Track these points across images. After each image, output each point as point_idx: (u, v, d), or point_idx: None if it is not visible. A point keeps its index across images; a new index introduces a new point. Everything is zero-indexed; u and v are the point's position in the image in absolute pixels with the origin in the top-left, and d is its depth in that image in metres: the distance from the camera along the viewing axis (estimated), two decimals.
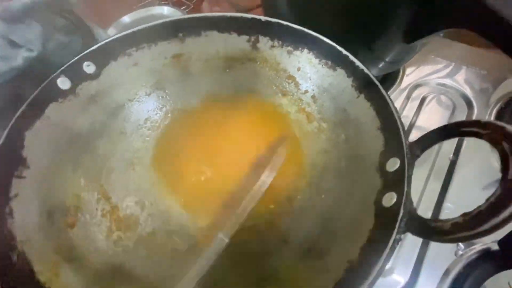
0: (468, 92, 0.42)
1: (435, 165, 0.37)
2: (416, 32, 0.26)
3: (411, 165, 0.20)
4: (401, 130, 0.22)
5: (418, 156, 0.21)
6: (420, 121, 0.41)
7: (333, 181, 0.27)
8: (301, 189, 0.27)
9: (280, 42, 0.25)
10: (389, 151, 0.22)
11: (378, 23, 0.26)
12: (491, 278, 0.28)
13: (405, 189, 0.20)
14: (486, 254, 0.30)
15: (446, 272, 0.29)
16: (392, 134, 0.22)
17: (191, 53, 0.30)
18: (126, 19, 0.59)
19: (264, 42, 0.26)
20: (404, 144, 0.21)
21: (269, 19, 0.24)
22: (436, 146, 0.35)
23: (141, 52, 0.30)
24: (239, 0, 0.31)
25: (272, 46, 0.26)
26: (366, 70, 0.25)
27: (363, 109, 0.25)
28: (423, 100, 0.43)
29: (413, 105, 0.43)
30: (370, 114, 0.24)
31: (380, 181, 0.22)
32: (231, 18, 0.27)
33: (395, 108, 0.23)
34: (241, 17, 0.26)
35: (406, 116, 0.42)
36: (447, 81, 0.44)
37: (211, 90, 0.31)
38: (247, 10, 0.30)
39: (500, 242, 0.29)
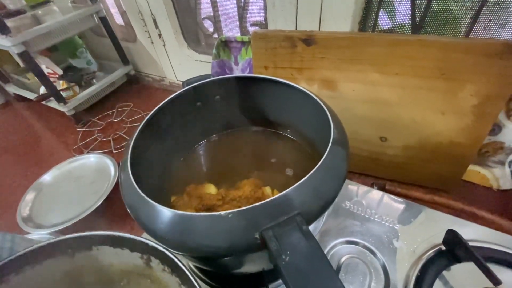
0: None
1: None
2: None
3: None
4: None
5: None
6: None
7: None
8: None
9: (170, 270, 0.25)
10: None
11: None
12: (446, 271, 0.33)
13: None
14: (439, 252, 0.35)
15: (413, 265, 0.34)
16: None
17: (83, 267, 0.28)
18: (46, 177, 0.57)
19: (156, 263, 0.26)
20: None
21: (156, 245, 0.24)
22: None
23: (22, 275, 0.26)
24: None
25: (163, 270, 0.26)
26: None
27: None
28: None
29: None
30: None
31: None
32: (119, 237, 0.27)
33: None
34: (130, 238, 0.26)
35: None
36: None
37: None
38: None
39: (443, 241, 0.34)
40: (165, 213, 0.22)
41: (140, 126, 0.31)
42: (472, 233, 0.37)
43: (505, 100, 0.39)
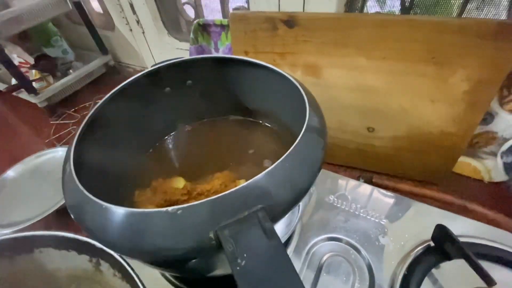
0: None
1: None
2: None
3: None
4: None
5: None
6: None
7: None
8: None
9: (120, 275, 0.22)
10: None
11: None
12: (435, 269, 0.31)
13: None
14: (427, 249, 0.32)
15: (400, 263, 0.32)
16: None
17: (25, 271, 0.24)
18: (10, 173, 0.52)
19: (106, 267, 0.22)
20: None
21: (104, 248, 0.21)
22: None
23: None
24: None
25: (114, 275, 0.22)
26: None
27: None
28: None
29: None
30: None
31: None
32: (64, 238, 0.23)
33: None
34: (75, 239, 0.23)
35: None
36: None
37: None
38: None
39: (432, 237, 0.32)
40: (99, 208, 0.18)
41: (93, 110, 0.27)
42: (463, 228, 0.35)
43: (498, 86, 0.36)
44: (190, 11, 0.70)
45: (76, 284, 0.26)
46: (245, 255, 0.15)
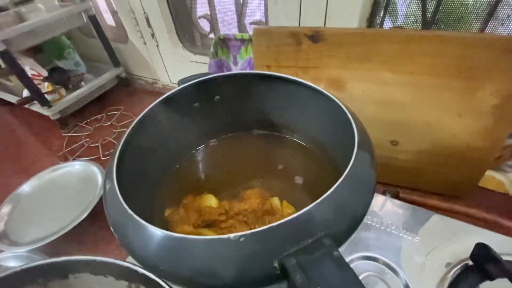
0: None
1: None
2: None
3: None
4: None
5: None
6: None
7: None
8: None
9: None
10: None
11: None
12: None
13: None
14: (466, 269, 0.31)
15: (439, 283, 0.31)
16: None
17: None
18: (25, 188, 0.51)
19: None
20: None
21: (147, 273, 0.20)
22: None
23: None
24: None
25: None
26: None
27: None
28: None
29: None
30: None
31: None
32: (102, 263, 0.22)
33: None
34: (115, 264, 0.22)
35: None
36: None
37: None
38: None
39: (471, 256, 0.31)
40: (158, 235, 0.17)
41: (129, 129, 0.27)
42: (499, 245, 0.34)
43: None
44: (204, 24, 0.71)
45: None
46: (319, 287, 0.14)
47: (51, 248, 0.44)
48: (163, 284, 0.20)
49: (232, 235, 0.16)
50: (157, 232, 0.18)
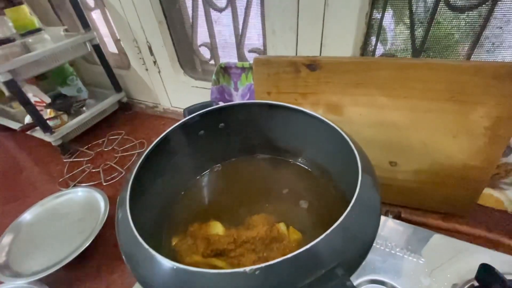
0: None
1: None
2: None
3: None
4: None
5: None
6: None
7: None
8: None
9: None
10: None
11: None
12: None
13: None
14: None
15: None
16: None
17: None
18: (26, 216, 0.51)
19: None
20: None
21: None
22: None
23: None
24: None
25: None
26: None
27: None
28: None
29: None
30: None
31: None
32: None
33: None
34: None
35: None
36: None
37: None
38: None
39: (476, 277, 0.31)
40: (171, 268, 0.18)
41: (142, 158, 0.28)
42: (501, 264, 0.34)
43: None
44: (204, 52, 0.74)
45: None
46: None
47: (54, 278, 0.43)
48: None
49: (247, 268, 0.17)
50: (170, 265, 0.18)
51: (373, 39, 0.50)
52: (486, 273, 0.31)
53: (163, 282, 0.18)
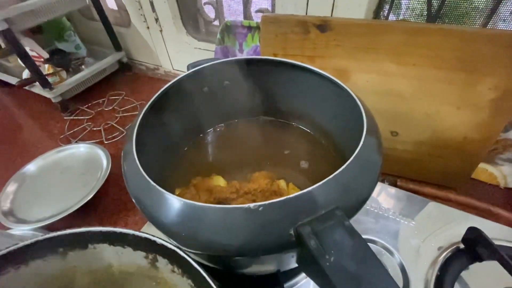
0: None
1: None
2: None
3: None
4: None
5: None
6: None
7: None
8: None
9: (180, 271, 0.22)
10: None
11: None
12: (464, 271, 0.32)
13: None
14: (457, 251, 0.34)
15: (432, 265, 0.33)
16: None
17: (75, 268, 0.24)
18: (30, 167, 0.52)
19: (163, 263, 0.23)
20: None
21: (165, 243, 0.21)
22: None
23: (4, 277, 0.23)
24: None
25: (172, 271, 0.23)
26: None
27: None
28: None
29: None
30: None
31: None
32: (121, 234, 0.23)
33: None
34: (133, 235, 0.23)
35: None
36: None
37: None
38: None
39: (463, 239, 0.33)
40: (180, 204, 0.19)
41: (143, 111, 0.28)
42: (490, 231, 0.36)
43: None
44: (209, 11, 0.71)
45: (127, 281, 0.26)
46: (332, 251, 0.16)
47: (57, 228, 0.44)
48: (180, 252, 0.21)
49: (252, 205, 0.17)
50: (179, 201, 0.19)
51: (388, 2, 0.48)
52: (473, 235, 0.32)
53: (172, 218, 0.19)
